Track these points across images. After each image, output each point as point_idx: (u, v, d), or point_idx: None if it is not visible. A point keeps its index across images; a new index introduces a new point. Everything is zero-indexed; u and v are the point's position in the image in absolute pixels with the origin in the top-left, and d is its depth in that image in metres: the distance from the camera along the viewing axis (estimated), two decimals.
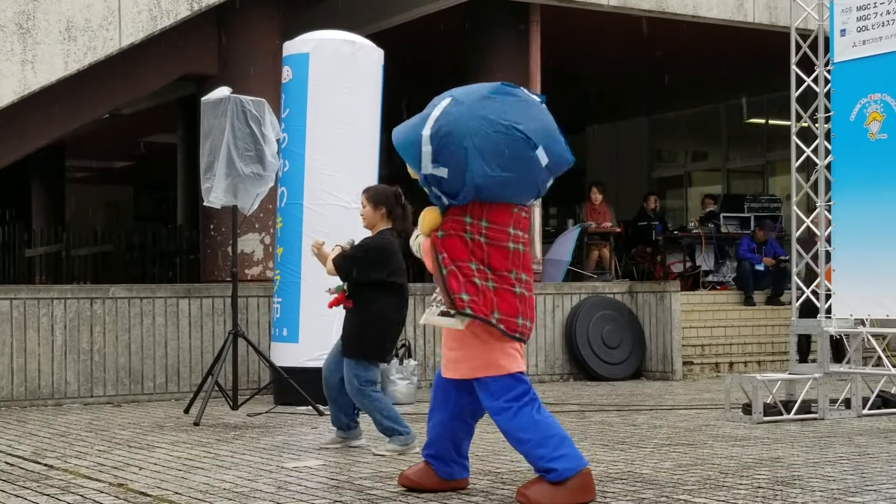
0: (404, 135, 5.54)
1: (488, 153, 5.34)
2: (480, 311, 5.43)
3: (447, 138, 5.35)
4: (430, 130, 5.39)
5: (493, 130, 5.34)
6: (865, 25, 8.82)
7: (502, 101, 5.44)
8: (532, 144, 5.39)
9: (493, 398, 5.55)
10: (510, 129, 5.35)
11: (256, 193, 9.31)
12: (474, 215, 5.48)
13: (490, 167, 5.36)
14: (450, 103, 5.44)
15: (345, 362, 7.23)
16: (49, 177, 22.67)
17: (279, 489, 5.94)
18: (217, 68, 12.89)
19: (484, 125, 5.34)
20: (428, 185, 5.53)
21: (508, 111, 5.40)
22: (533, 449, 5.48)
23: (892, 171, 8.65)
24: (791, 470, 6.47)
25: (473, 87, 5.61)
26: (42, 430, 8.62)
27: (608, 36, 15.77)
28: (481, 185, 5.39)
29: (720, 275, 16.87)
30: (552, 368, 13.11)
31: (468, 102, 5.43)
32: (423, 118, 5.48)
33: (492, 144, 5.35)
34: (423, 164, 5.43)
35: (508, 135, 5.35)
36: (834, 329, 9.17)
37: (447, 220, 5.52)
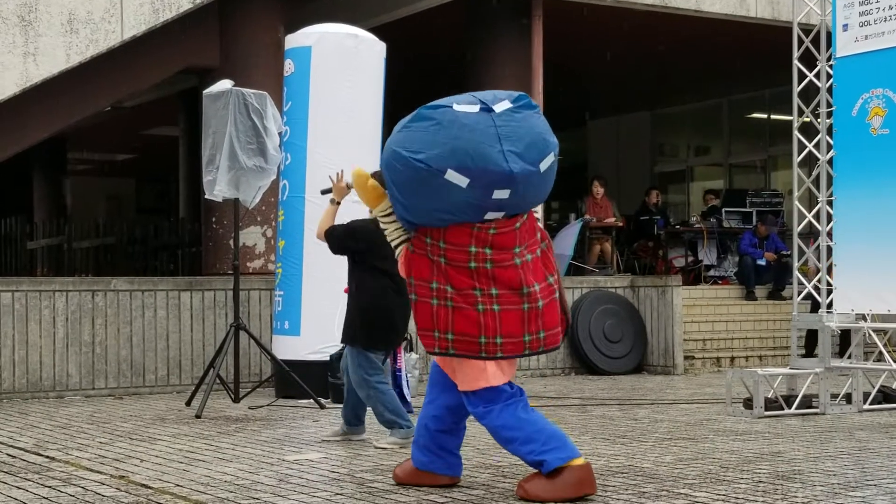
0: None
1: (400, 186, 5.41)
2: (428, 345, 5.50)
3: (383, 171, 5.57)
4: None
5: (399, 163, 5.35)
6: (868, 20, 8.81)
7: (414, 130, 5.36)
8: (434, 171, 5.25)
9: (473, 406, 5.60)
10: (408, 160, 5.30)
11: (258, 186, 9.31)
12: (433, 237, 5.49)
13: (405, 198, 5.42)
14: (393, 133, 5.53)
15: (348, 352, 7.24)
16: (51, 169, 22.67)
17: (280, 482, 5.94)
18: (219, 61, 12.88)
19: (392, 158, 5.40)
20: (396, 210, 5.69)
21: (415, 140, 5.32)
22: (521, 446, 5.49)
23: (894, 166, 8.64)
24: (792, 464, 6.47)
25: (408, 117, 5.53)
26: (44, 423, 8.63)
27: (610, 30, 15.76)
28: (405, 216, 5.50)
29: (722, 269, 16.87)
30: (554, 362, 13.11)
31: (397, 130, 5.48)
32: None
33: (400, 177, 5.38)
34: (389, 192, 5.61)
35: (408, 166, 5.31)
36: (835, 324, 9.17)
37: (414, 239, 5.59)
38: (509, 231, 5.48)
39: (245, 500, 5.47)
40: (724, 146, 21.75)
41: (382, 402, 7.15)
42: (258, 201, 9.55)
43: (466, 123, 5.29)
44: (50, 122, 12.44)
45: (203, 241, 13.62)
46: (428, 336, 5.50)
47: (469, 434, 7.57)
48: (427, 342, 5.51)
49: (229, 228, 12.14)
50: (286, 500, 5.47)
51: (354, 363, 7.17)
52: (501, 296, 5.42)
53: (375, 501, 5.41)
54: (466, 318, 5.39)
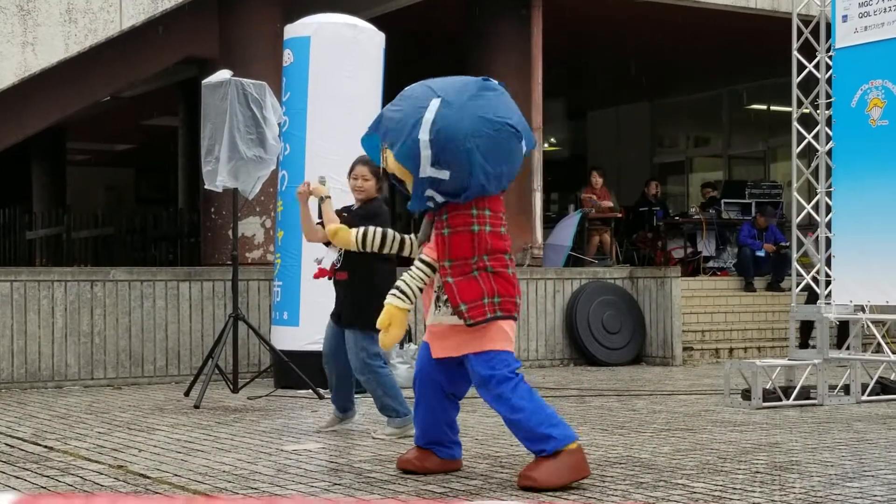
0: (396, 138, 5.59)
1: (489, 152, 5.49)
2: (480, 314, 5.54)
3: (448, 142, 5.45)
4: (429, 135, 5.46)
5: (493, 129, 5.49)
6: (867, 11, 8.81)
7: (490, 98, 5.58)
8: (519, 137, 5.59)
9: (494, 368, 5.57)
10: (504, 125, 5.52)
11: (258, 177, 9.30)
12: (479, 206, 5.59)
13: (491, 165, 5.51)
14: (441, 105, 5.49)
15: (348, 336, 7.17)
16: (50, 159, 22.66)
17: (279, 472, 5.95)
18: (218, 51, 12.87)
19: (482, 125, 5.47)
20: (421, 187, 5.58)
21: (499, 107, 5.57)
22: (531, 415, 5.52)
23: (893, 157, 8.64)
24: (789, 455, 6.48)
25: (455, 84, 5.67)
26: (42, 413, 8.63)
27: (609, 20, 15.75)
28: (485, 185, 5.53)
29: (721, 261, 16.88)
30: (552, 353, 13.12)
31: (459, 102, 5.51)
32: (414, 120, 5.52)
33: (492, 143, 5.50)
34: (422, 167, 5.51)
35: (503, 131, 5.52)
36: (833, 315, 9.18)
37: (452, 216, 5.57)
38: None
39: (243, 490, 5.48)
40: (723, 137, 21.75)
41: (383, 386, 7.12)
42: (257, 192, 9.54)
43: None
44: (49, 112, 12.43)
45: (202, 232, 13.62)
46: (478, 307, 5.55)
47: (468, 424, 7.59)
48: (478, 312, 5.54)
49: (228, 219, 12.13)
50: (284, 490, 5.48)
51: (356, 347, 7.10)
52: (512, 259, 5.78)
53: (374, 491, 5.42)
54: (505, 279, 5.63)
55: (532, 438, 5.54)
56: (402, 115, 5.60)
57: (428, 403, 5.87)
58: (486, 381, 5.60)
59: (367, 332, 7.09)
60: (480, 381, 5.64)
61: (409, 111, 5.58)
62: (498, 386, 5.57)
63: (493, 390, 5.59)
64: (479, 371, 5.62)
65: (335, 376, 7.38)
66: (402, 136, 5.55)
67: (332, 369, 7.38)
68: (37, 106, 12.06)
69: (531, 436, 5.54)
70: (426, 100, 5.55)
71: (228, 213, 11.79)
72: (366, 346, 7.10)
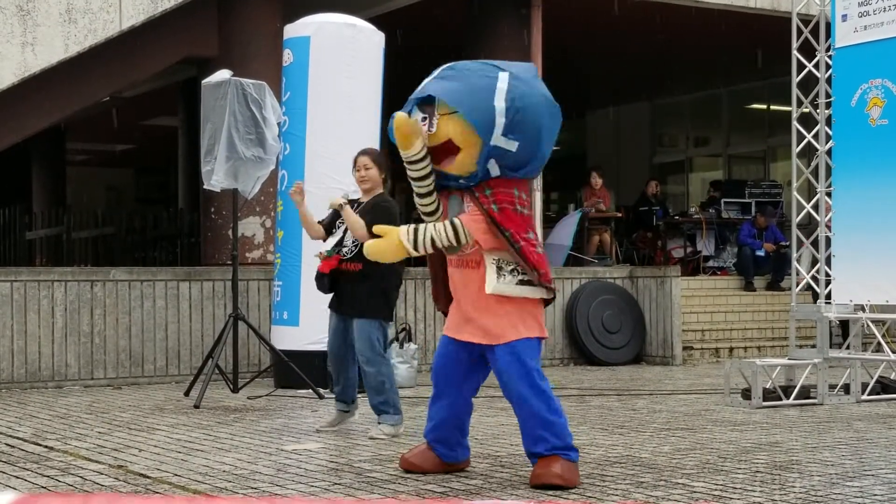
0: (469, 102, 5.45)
1: (551, 130, 5.63)
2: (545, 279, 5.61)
3: (522, 113, 5.46)
4: (505, 103, 5.43)
5: (553, 112, 5.62)
6: (867, 11, 8.81)
7: (542, 82, 5.72)
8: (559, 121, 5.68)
9: (532, 357, 5.55)
10: (559, 110, 5.65)
11: (257, 177, 9.30)
12: (520, 188, 5.65)
13: (550, 145, 5.66)
14: (511, 78, 5.50)
15: (359, 325, 7.09)
16: (50, 159, 22.65)
17: (279, 471, 5.95)
18: (218, 51, 12.86)
19: (547, 105, 5.59)
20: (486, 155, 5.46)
21: (549, 93, 5.67)
22: (565, 425, 5.55)
23: (893, 156, 8.64)
24: (789, 454, 6.48)
25: (510, 63, 5.74)
26: (42, 412, 8.63)
27: (609, 20, 15.74)
28: (544, 161, 5.70)
29: (721, 260, 16.88)
30: (552, 353, 13.12)
31: (527, 79, 5.59)
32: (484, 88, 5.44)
33: (554, 124, 5.63)
34: (494, 135, 5.44)
35: (559, 116, 5.66)
36: (833, 315, 9.17)
37: (496, 193, 5.54)
38: None
39: (243, 489, 5.48)
40: (723, 137, 21.75)
41: (392, 380, 7.12)
42: (257, 192, 9.54)
43: None
44: (48, 113, 12.42)
45: (202, 232, 13.62)
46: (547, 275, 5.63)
47: None
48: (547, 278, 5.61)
49: (228, 219, 12.13)
50: (284, 489, 5.48)
51: (371, 339, 7.02)
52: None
53: (374, 491, 5.42)
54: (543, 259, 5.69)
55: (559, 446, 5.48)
56: (463, 83, 5.51)
57: (447, 399, 5.81)
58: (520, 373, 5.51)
59: (378, 321, 7.07)
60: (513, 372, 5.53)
61: (475, 79, 5.51)
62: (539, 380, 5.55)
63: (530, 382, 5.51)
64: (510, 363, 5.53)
65: (341, 370, 7.33)
66: (476, 101, 5.44)
67: (338, 363, 7.32)
68: (37, 106, 12.05)
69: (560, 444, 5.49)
70: (490, 72, 5.54)
71: (228, 213, 11.79)
72: (378, 336, 7.07)
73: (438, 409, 5.85)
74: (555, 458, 5.47)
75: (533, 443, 5.56)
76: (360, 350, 7.09)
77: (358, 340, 7.10)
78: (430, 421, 5.90)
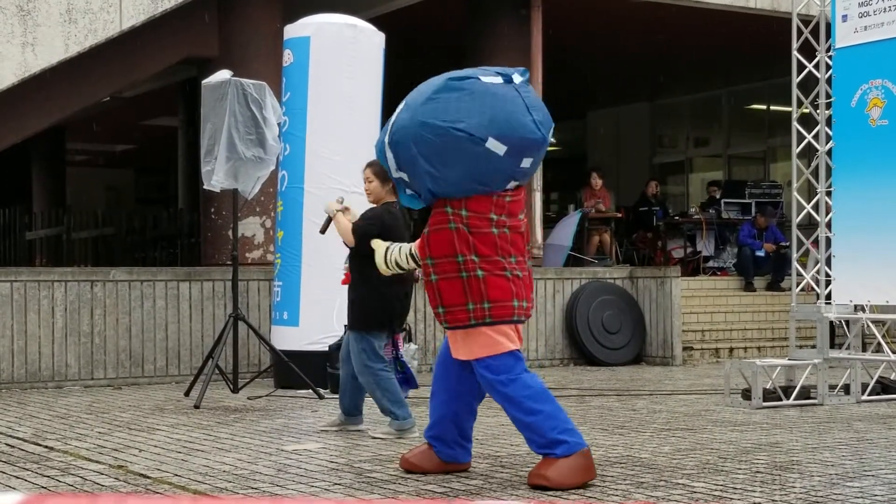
0: (378, 140, 5.74)
1: (432, 157, 5.44)
2: (460, 319, 5.54)
3: (399, 146, 5.52)
4: (389, 137, 5.57)
5: (434, 134, 5.42)
6: (867, 11, 8.81)
7: (445, 101, 5.47)
8: (476, 139, 5.41)
9: (496, 373, 5.57)
10: (448, 130, 5.41)
11: (257, 177, 9.30)
12: (454, 206, 5.56)
13: (436, 169, 5.45)
14: (402, 109, 5.55)
15: (350, 338, 7.20)
16: (50, 159, 22.65)
17: (279, 472, 5.95)
18: (218, 51, 12.86)
19: (424, 130, 5.43)
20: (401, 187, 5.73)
21: (449, 110, 5.44)
22: (545, 420, 5.50)
23: (893, 157, 8.64)
24: (790, 455, 6.48)
25: (424, 87, 5.65)
26: (42, 413, 8.63)
27: (610, 21, 15.75)
28: (433, 188, 5.51)
29: (721, 260, 16.88)
30: (552, 353, 13.12)
31: (413, 107, 5.51)
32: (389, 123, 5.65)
33: (433, 148, 5.42)
34: (390, 169, 5.65)
35: (448, 135, 5.41)
36: (834, 315, 9.17)
37: (432, 214, 5.65)
38: (519, 199, 5.75)
39: (243, 490, 5.48)
40: (723, 137, 21.75)
41: (382, 389, 7.13)
42: (257, 192, 9.55)
43: (497, 93, 5.52)
44: (49, 113, 12.42)
45: (202, 232, 13.62)
46: (460, 310, 5.53)
47: None
48: (459, 317, 5.53)
49: (228, 219, 12.13)
50: (285, 489, 5.48)
51: (357, 349, 7.13)
52: (519, 262, 5.66)
53: (374, 491, 5.42)
54: (499, 285, 5.54)
55: (542, 443, 5.52)
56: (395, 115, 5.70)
57: (441, 396, 5.86)
58: (491, 386, 5.62)
59: (366, 333, 7.12)
60: (486, 386, 5.67)
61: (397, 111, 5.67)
62: (503, 388, 5.56)
63: (499, 393, 5.59)
64: (482, 376, 5.64)
65: (343, 380, 7.38)
66: (380, 140, 5.70)
67: (346, 372, 7.38)
68: (36, 106, 12.05)
69: (542, 441, 5.51)
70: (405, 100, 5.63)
71: (228, 213, 11.79)
72: (365, 347, 7.12)
73: (435, 406, 5.90)
74: (544, 459, 5.52)
75: (529, 445, 5.67)
76: (354, 362, 7.21)
77: (350, 352, 7.22)
78: (430, 418, 5.95)
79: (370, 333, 7.13)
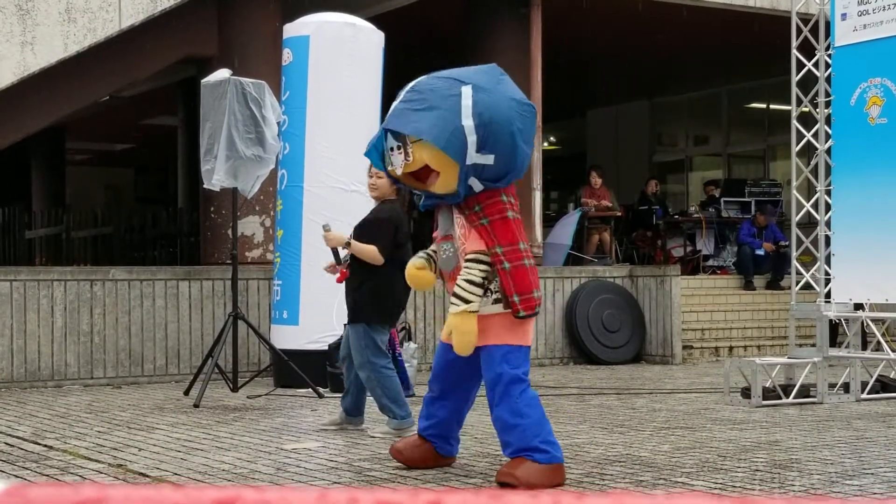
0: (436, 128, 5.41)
1: (526, 133, 5.55)
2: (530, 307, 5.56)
3: (492, 125, 5.40)
4: (473, 120, 5.39)
5: (524, 112, 5.54)
6: (866, 10, 8.81)
7: (510, 82, 5.63)
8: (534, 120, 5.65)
9: (510, 366, 5.55)
10: (531, 107, 5.61)
11: (257, 176, 9.30)
12: (507, 193, 5.60)
13: (528, 146, 5.58)
14: (474, 90, 5.43)
15: (352, 332, 7.12)
16: (49, 159, 22.65)
17: (278, 470, 5.95)
18: (217, 50, 12.86)
19: (518, 108, 5.51)
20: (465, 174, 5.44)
21: (517, 90, 5.62)
22: (531, 426, 5.48)
23: (892, 155, 8.64)
24: (789, 453, 6.48)
25: (473, 71, 5.67)
26: (42, 412, 8.63)
27: (609, 19, 15.75)
28: (524, 166, 5.61)
29: (720, 259, 16.88)
30: (552, 352, 13.12)
31: (491, 86, 5.51)
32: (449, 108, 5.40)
33: (527, 125, 5.55)
34: (469, 154, 5.41)
35: (531, 113, 5.60)
36: (833, 314, 9.17)
37: (486, 205, 5.53)
38: None
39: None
40: (722, 136, 21.75)
41: (382, 387, 7.09)
42: (256, 191, 9.54)
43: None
44: (48, 112, 12.42)
45: (201, 231, 13.62)
46: (529, 299, 5.53)
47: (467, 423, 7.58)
48: (530, 305, 5.53)
49: (228, 218, 12.13)
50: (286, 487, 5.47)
51: (360, 344, 7.06)
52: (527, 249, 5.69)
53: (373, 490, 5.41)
54: (521, 275, 5.55)
55: (521, 448, 5.50)
56: (429, 105, 5.45)
57: (449, 400, 5.85)
58: (499, 377, 5.55)
59: (370, 327, 7.06)
60: (493, 375, 5.58)
61: (438, 101, 5.44)
62: (509, 385, 5.55)
63: (503, 386, 5.55)
64: (494, 364, 5.57)
65: (348, 380, 7.35)
66: (444, 125, 5.41)
67: (349, 370, 7.34)
68: (36, 105, 12.05)
69: (521, 445, 5.49)
70: (454, 87, 5.46)
71: (228, 212, 11.79)
72: (368, 342, 7.06)
73: (438, 408, 5.87)
74: (519, 459, 5.49)
75: (501, 447, 5.66)
76: (353, 356, 7.15)
77: (352, 347, 7.16)
78: (428, 419, 5.91)
79: (372, 327, 7.08)
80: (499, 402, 5.58)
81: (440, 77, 5.60)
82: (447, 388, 5.84)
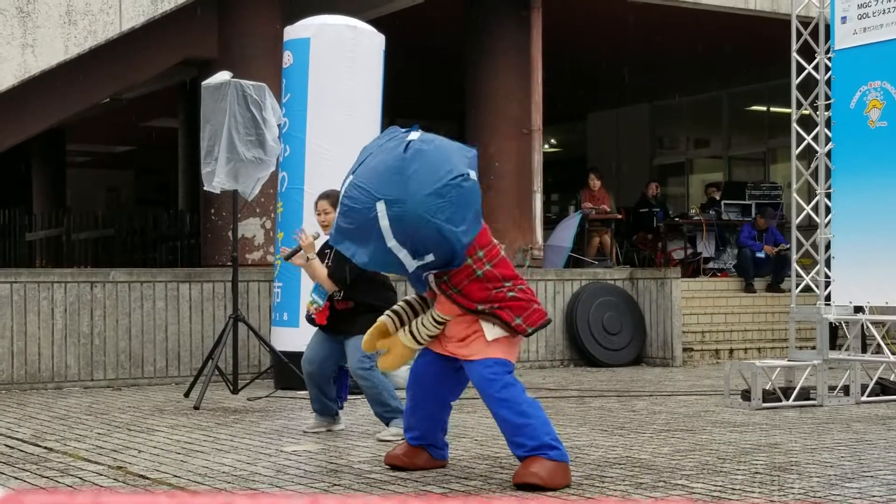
0: (371, 260, 5.53)
1: (453, 216, 5.38)
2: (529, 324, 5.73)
3: (416, 234, 5.38)
4: (395, 240, 5.38)
5: (442, 197, 5.35)
6: (866, 13, 8.81)
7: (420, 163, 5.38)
8: (468, 176, 5.45)
9: (499, 374, 5.63)
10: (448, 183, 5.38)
11: (257, 178, 9.31)
12: (468, 253, 5.58)
13: (460, 224, 5.41)
14: (387, 207, 5.33)
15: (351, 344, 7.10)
16: (50, 161, 22.67)
17: (278, 473, 5.95)
18: (218, 53, 12.87)
19: (435, 199, 5.34)
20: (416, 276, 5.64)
21: (431, 167, 5.39)
22: (541, 424, 5.56)
23: (892, 158, 8.65)
24: (789, 456, 6.48)
25: (380, 170, 5.44)
26: (42, 414, 8.64)
27: (610, 22, 15.75)
28: (465, 242, 5.48)
29: (721, 262, 16.88)
30: (553, 354, 13.12)
31: (401, 192, 5.33)
32: (374, 233, 5.39)
33: (450, 206, 5.37)
34: (408, 265, 5.49)
35: (452, 187, 5.38)
36: (833, 316, 9.18)
37: (451, 275, 5.59)
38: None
39: (243, 490, 5.48)
40: (723, 139, 21.76)
41: (387, 392, 7.11)
42: (257, 193, 9.55)
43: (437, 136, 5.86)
44: (48, 114, 12.43)
45: (202, 233, 13.62)
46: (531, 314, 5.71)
47: (468, 425, 7.61)
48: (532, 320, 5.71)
49: (228, 220, 12.13)
50: (284, 491, 5.48)
51: (358, 356, 7.08)
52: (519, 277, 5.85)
53: (373, 492, 5.42)
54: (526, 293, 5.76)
55: (534, 446, 5.52)
56: (357, 228, 5.44)
57: (426, 409, 5.94)
58: (496, 385, 5.62)
59: None
60: (486, 384, 5.65)
61: (364, 227, 5.41)
62: (507, 388, 5.61)
63: (502, 392, 5.62)
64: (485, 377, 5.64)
65: (314, 381, 7.29)
66: (378, 258, 5.52)
67: (312, 375, 7.27)
68: (36, 108, 12.06)
69: (534, 443, 5.52)
70: (371, 206, 5.37)
71: (228, 214, 11.80)
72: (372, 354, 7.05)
73: (420, 418, 5.94)
74: (534, 458, 5.52)
75: (514, 449, 5.67)
76: (353, 367, 7.13)
77: (350, 358, 7.12)
78: (412, 430, 5.98)
79: None
80: (501, 408, 5.62)
81: (358, 187, 5.44)
82: (419, 395, 5.93)
